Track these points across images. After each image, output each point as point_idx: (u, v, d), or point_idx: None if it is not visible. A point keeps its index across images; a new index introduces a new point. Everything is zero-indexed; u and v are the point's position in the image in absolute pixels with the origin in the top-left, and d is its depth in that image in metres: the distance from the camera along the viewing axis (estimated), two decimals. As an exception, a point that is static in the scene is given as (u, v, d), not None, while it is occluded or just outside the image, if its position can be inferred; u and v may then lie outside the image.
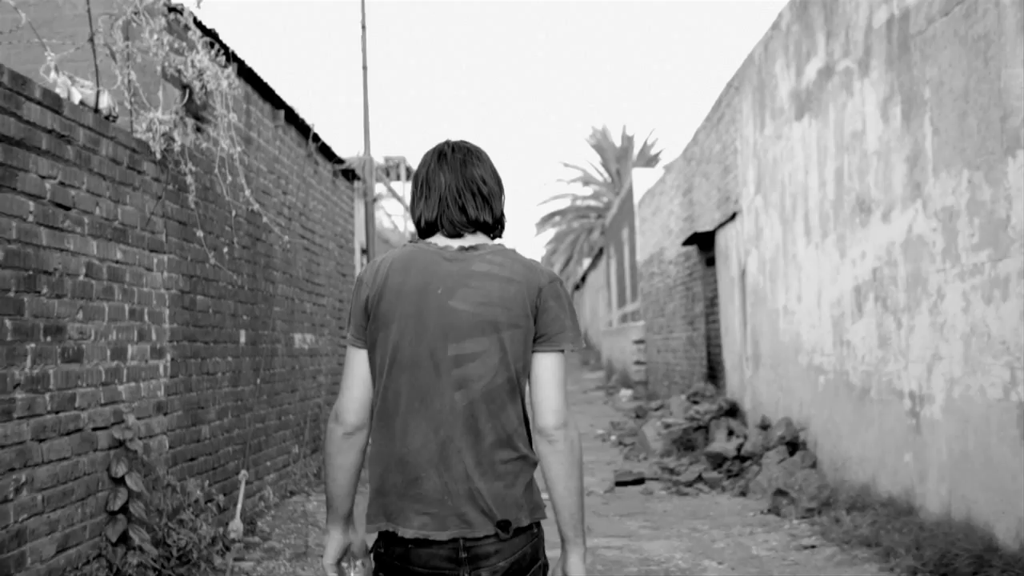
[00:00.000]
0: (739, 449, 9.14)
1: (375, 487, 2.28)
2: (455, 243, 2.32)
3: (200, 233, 6.05)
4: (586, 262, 39.61)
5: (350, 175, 11.74)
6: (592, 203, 47.49)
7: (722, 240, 11.79)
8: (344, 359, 2.40)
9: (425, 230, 2.37)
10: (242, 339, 7.14)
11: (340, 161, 10.83)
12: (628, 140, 46.66)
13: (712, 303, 12.81)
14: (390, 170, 24.34)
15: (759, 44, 9.85)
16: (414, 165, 24.05)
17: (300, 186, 9.28)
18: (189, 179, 5.74)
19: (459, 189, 2.32)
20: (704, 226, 12.71)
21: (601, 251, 30.11)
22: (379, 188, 24.76)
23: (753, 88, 10.08)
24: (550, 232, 49.61)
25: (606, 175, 47.08)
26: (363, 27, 12.17)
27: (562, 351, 2.31)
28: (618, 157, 46.67)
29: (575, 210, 47.65)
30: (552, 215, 48.16)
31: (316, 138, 9.56)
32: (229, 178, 6.45)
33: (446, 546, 2.20)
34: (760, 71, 9.78)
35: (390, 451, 2.24)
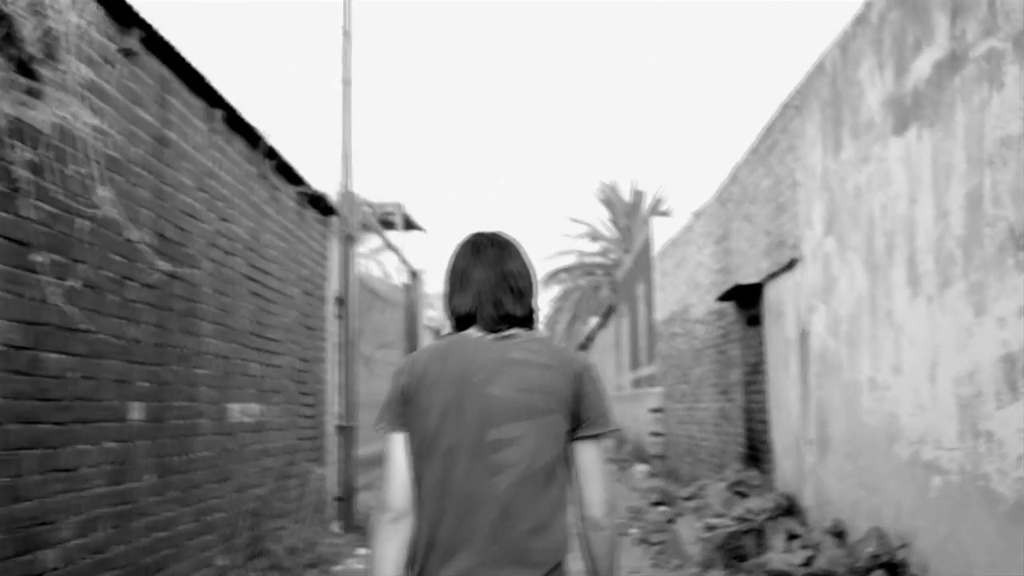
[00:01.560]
0: (807, 563, 6.98)
1: (411, 571, 2.31)
2: (491, 334, 2.40)
3: (40, 258, 3.98)
4: (593, 321, 37.53)
5: (324, 208, 9.72)
6: (599, 260, 45.65)
7: (772, 294, 9.72)
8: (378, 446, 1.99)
9: (461, 322, 2.43)
10: (134, 414, 5.04)
11: (309, 190, 8.81)
12: (638, 195, 44.99)
13: (755, 370, 10.70)
14: (386, 218, 22.39)
15: (831, 48, 7.87)
16: (412, 212, 22.06)
17: (249, 214, 7.24)
18: (20, 173, 3.69)
19: (494, 286, 2.41)
20: (747, 278, 10.65)
21: (611, 309, 28.04)
22: (374, 240, 22.81)
23: (823, 104, 8.08)
24: (555, 289, 47.66)
25: (614, 231, 45.31)
26: (345, 34, 10.24)
27: (603, 436, 2.37)
28: (627, 213, 44.94)
29: (582, 267, 45.78)
30: (558, 272, 46.23)
31: (272, 153, 7.55)
32: (100, 175, 4.39)
33: None
34: (834, 81, 7.79)
35: (430, 537, 2.29)
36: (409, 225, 23.44)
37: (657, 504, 11.80)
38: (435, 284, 46.72)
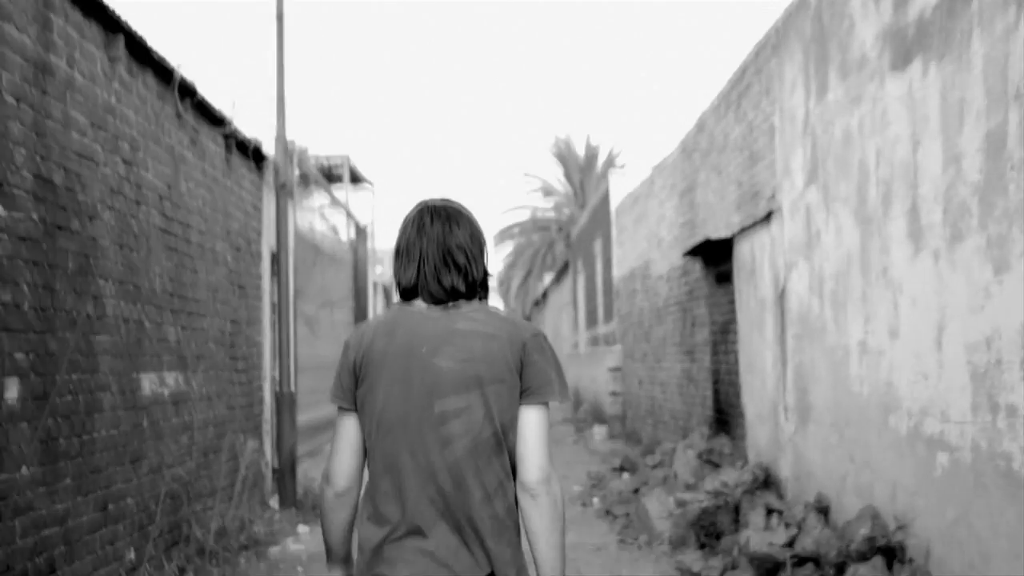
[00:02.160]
0: (791, 543, 6.35)
1: (367, 543, 2.30)
2: (437, 306, 2.37)
3: None
4: (547, 278, 36.85)
5: (257, 156, 8.82)
6: (553, 216, 44.92)
7: (745, 250, 9.02)
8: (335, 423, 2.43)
9: (406, 294, 2.41)
10: (8, 392, 4.20)
11: (236, 134, 7.90)
12: (593, 150, 44.25)
13: (724, 330, 10.04)
14: (332, 171, 21.44)
15: (817, -23, 7.12)
16: (359, 166, 21.09)
17: (162, 159, 6.36)
18: None
19: (438, 261, 2.37)
20: (716, 232, 9.95)
21: (567, 265, 27.33)
22: (321, 197, 21.77)
23: (805, 42, 7.33)
24: (508, 246, 46.86)
25: (569, 187, 44.58)
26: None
27: (546, 404, 2.33)
28: (582, 168, 44.20)
29: (535, 222, 45.03)
30: (511, 227, 45.47)
31: (190, 90, 6.65)
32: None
33: None
34: (819, 15, 7.03)
35: (383, 510, 2.29)
36: (356, 179, 22.47)
37: (619, 470, 11.17)
38: (383, 240, 45.57)
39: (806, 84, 7.32)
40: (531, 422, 2.32)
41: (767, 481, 7.76)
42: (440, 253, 2.38)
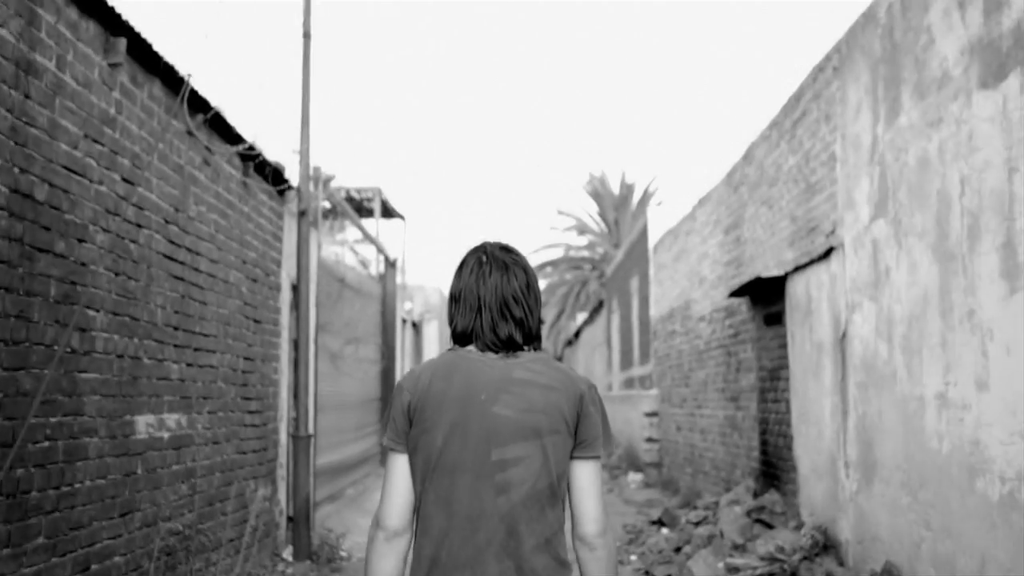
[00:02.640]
0: (856, 619, 5.64)
1: None
2: (493, 353, 2.37)
3: None
4: (580, 317, 36.16)
5: (279, 181, 8.29)
6: (586, 254, 44.33)
7: (799, 289, 8.35)
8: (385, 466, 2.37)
9: (460, 339, 2.40)
10: (-34, 441, 3.62)
11: (255, 154, 7.37)
12: (628, 188, 43.73)
13: (773, 375, 9.34)
14: (363, 204, 20.99)
15: (887, -8, 6.51)
16: (391, 199, 20.63)
17: (170, 178, 5.82)
18: None
19: (494, 312, 2.36)
20: (767, 270, 9.28)
21: (601, 304, 26.66)
22: (351, 231, 21.30)
23: (873, 61, 6.71)
24: (541, 284, 46.18)
25: (603, 225, 44.05)
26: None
27: (599, 458, 2.35)
28: (616, 206, 43.68)
29: (568, 261, 44.46)
30: (543, 265, 44.83)
31: (203, 105, 6.12)
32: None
33: None
34: (890, 32, 6.41)
35: (430, 554, 2.28)
36: (388, 212, 21.98)
37: (658, 524, 10.43)
38: (414, 274, 44.99)
39: (873, 107, 6.68)
40: (587, 475, 2.34)
41: (826, 545, 7.03)
42: (498, 304, 2.37)
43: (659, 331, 15.95)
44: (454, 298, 2.42)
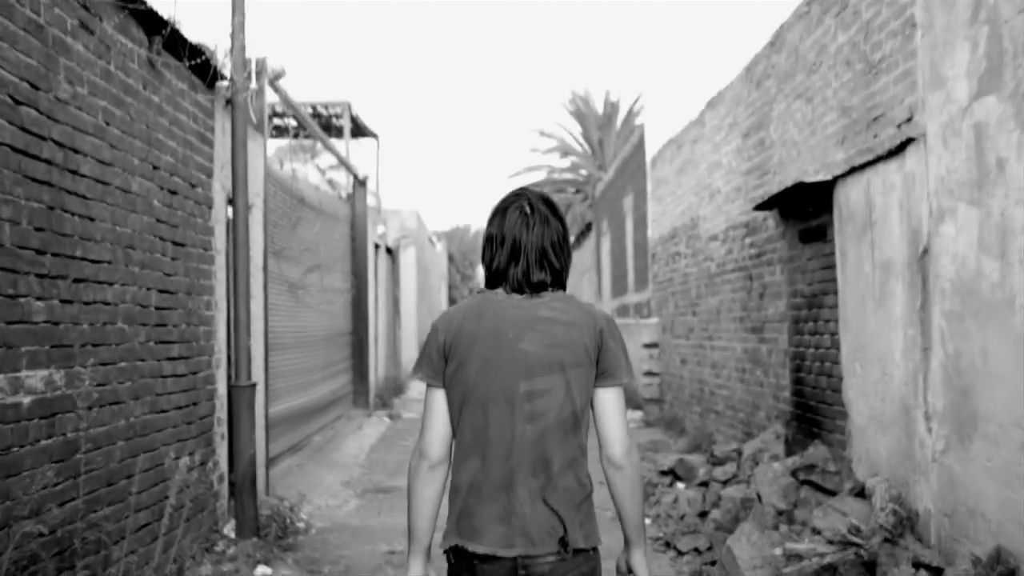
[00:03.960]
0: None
1: (453, 509, 2.52)
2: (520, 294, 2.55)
3: None
4: (565, 241, 34.54)
5: (202, 68, 6.58)
6: (570, 176, 42.63)
7: (855, 195, 6.75)
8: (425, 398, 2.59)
9: (493, 279, 2.59)
10: None
11: (163, 27, 5.64)
12: (612, 107, 41.90)
13: (813, 303, 7.80)
14: (332, 121, 19.16)
15: None
16: (361, 113, 18.76)
17: (21, 42, 4.13)
18: None
19: (532, 260, 2.53)
20: (806, 175, 7.68)
21: (589, 227, 25.03)
22: (326, 158, 19.45)
23: None
24: (523, 207, 44.50)
25: (587, 146, 42.31)
26: None
27: (622, 385, 2.55)
28: (600, 126, 41.89)
29: (551, 183, 42.70)
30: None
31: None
32: None
33: (509, 563, 2.43)
34: None
35: (468, 478, 2.49)
36: (359, 130, 20.09)
37: (671, 476, 8.94)
38: (389, 198, 43.06)
39: (979, -51, 5.02)
40: (610, 402, 2.52)
41: (907, 518, 5.54)
42: (536, 253, 2.53)
43: (659, 253, 14.39)
44: (493, 240, 2.57)
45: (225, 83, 7.00)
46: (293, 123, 16.89)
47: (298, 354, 10.98)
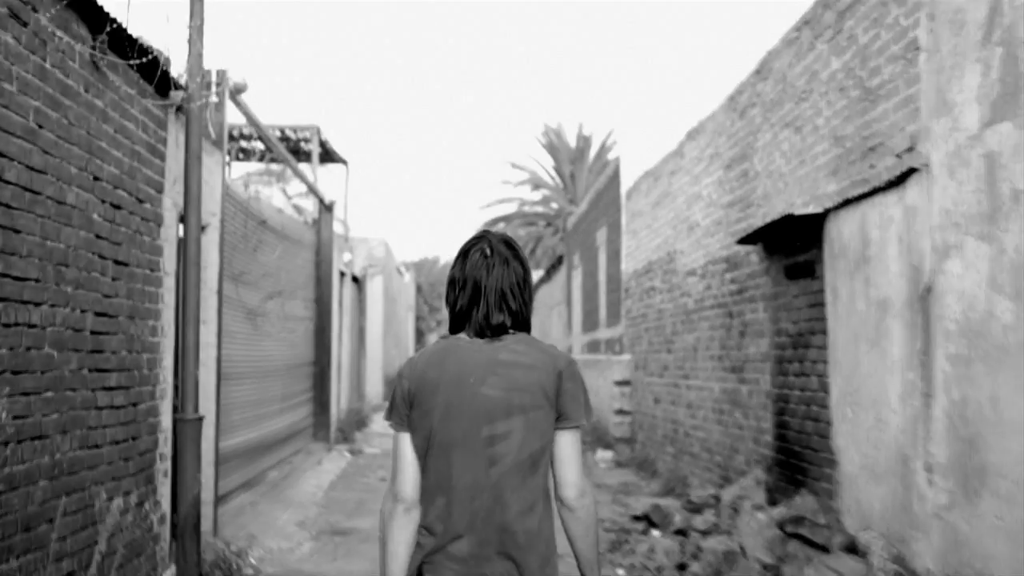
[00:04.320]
0: None
1: (417, 550, 2.52)
2: (482, 338, 2.58)
3: None
4: (535, 275, 34.17)
5: (146, 70, 6.11)
6: (541, 209, 42.35)
7: (848, 229, 6.38)
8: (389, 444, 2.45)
9: (456, 321, 2.63)
10: None
11: (110, 24, 5.17)
12: (585, 140, 41.74)
13: (799, 342, 7.40)
14: (300, 145, 18.68)
15: None
16: (330, 138, 18.31)
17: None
18: None
19: (491, 304, 2.58)
20: (794, 208, 7.30)
21: (560, 260, 24.64)
22: (296, 186, 18.94)
23: (993, -103, 4.69)
24: (493, 240, 44.05)
25: (558, 179, 42.08)
26: None
27: (578, 428, 2.55)
28: (573, 159, 41.70)
29: (522, 216, 42.44)
30: (495, 221, 42.73)
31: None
32: None
33: None
34: None
35: (431, 519, 2.51)
36: (328, 155, 19.63)
37: (644, 522, 8.46)
38: (357, 226, 42.45)
39: (994, -35, 4.68)
40: (566, 445, 2.53)
41: (905, 577, 5.11)
42: (496, 295, 2.58)
43: (633, 288, 13.99)
44: (455, 283, 2.62)
45: (180, 92, 6.53)
46: (260, 146, 16.42)
47: (255, 384, 10.43)
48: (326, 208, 14.93)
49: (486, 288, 2.57)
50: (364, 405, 20.41)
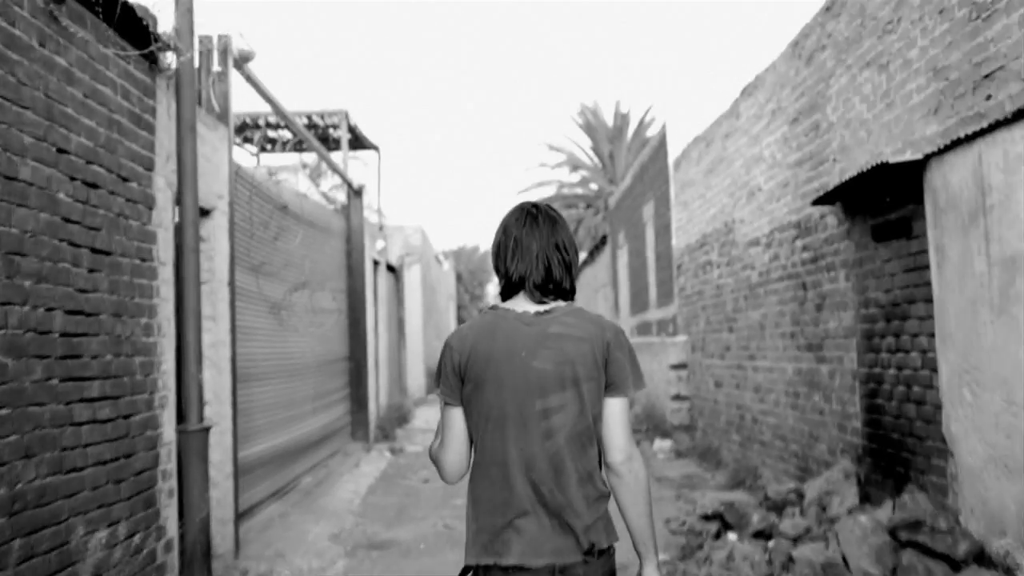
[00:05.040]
0: None
1: (476, 527, 2.52)
2: (532, 308, 2.58)
3: None
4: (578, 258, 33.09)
5: (137, 31, 5.25)
6: (580, 191, 41.33)
7: (958, 177, 5.36)
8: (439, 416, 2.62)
9: (509, 287, 2.62)
10: None
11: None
12: (623, 118, 40.62)
13: (893, 313, 6.40)
14: (329, 129, 17.84)
15: None
16: (360, 123, 17.46)
17: None
18: None
19: (548, 255, 2.57)
20: (888, 156, 6.29)
21: (604, 241, 23.63)
22: (332, 179, 18.09)
23: None
24: (533, 224, 43.06)
25: (596, 160, 41.03)
26: None
27: (626, 396, 2.53)
28: (611, 138, 40.63)
29: (562, 198, 41.41)
30: (535, 204, 41.62)
31: None
32: None
33: (541, 572, 2.44)
34: None
35: (490, 496, 2.51)
36: (357, 141, 18.80)
37: (718, 522, 7.50)
38: (392, 214, 41.77)
39: None
40: (614, 412, 2.51)
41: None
42: (551, 248, 2.57)
43: (686, 264, 12.99)
44: (504, 247, 2.60)
45: (170, 55, 5.66)
46: (288, 135, 15.61)
47: (282, 384, 9.60)
48: (355, 193, 14.07)
49: (539, 242, 2.57)
50: (406, 400, 19.60)
